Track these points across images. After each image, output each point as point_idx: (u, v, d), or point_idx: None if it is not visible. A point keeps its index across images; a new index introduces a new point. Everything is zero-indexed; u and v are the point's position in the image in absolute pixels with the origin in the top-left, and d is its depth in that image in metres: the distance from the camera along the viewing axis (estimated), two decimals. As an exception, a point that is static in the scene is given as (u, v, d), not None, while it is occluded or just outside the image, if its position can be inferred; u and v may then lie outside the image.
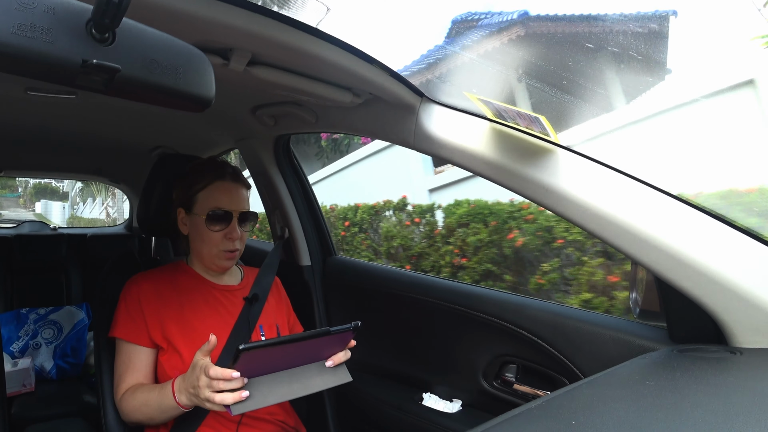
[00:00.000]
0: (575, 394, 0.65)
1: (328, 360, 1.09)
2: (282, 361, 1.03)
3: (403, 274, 1.73)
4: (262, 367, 1.01)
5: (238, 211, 1.25)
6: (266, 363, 1.01)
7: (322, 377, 1.08)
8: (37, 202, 30.36)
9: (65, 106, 1.49)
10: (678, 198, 0.87)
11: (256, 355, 0.94)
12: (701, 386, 0.65)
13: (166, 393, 1.08)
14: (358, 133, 1.42)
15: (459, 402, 1.38)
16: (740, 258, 0.81)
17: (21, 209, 30.21)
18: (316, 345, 1.04)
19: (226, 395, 0.94)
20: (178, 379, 1.07)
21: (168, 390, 1.08)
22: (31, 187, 30.50)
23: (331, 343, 1.06)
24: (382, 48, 1.01)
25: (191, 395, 1.01)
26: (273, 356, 0.99)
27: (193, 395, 1.01)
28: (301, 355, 1.06)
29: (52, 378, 2.33)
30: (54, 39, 0.48)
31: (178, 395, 1.05)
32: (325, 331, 1.00)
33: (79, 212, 26.10)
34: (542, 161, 0.96)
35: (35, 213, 28.70)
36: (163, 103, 0.60)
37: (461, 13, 6.95)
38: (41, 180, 22.21)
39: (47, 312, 2.47)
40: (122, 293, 1.24)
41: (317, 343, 1.03)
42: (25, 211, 29.18)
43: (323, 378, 1.07)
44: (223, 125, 1.73)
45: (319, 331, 1.00)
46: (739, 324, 0.80)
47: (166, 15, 0.75)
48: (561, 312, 1.19)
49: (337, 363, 1.09)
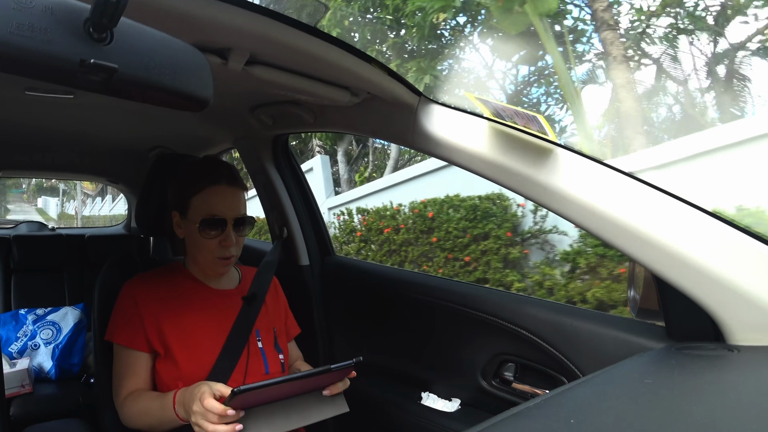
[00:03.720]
0: (574, 392, 0.65)
1: (326, 389, 1.09)
2: (279, 395, 1.03)
3: (401, 273, 1.73)
4: (258, 401, 1.01)
5: (233, 217, 1.20)
6: (263, 398, 1.01)
7: (320, 408, 1.08)
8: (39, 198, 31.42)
9: (63, 105, 1.49)
10: (676, 197, 0.87)
11: (253, 395, 0.95)
12: (699, 384, 0.65)
13: (167, 404, 1.07)
14: (356, 133, 1.42)
15: (458, 401, 1.39)
16: (738, 256, 0.81)
17: (25, 204, 31.29)
18: (316, 380, 1.05)
19: (219, 427, 0.94)
20: (181, 392, 1.06)
21: (169, 402, 1.07)
22: (34, 184, 31.64)
23: (330, 377, 1.07)
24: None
25: (189, 413, 1.01)
26: (270, 392, 1.00)
27: (191, 413, 1.00)
28: (299, 388, 1.06)
29: (50, 378, 2.32)
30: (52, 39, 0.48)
31: (178, 407, 1.05)
32: (326, 369, 1.00)
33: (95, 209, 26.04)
34: (540, 160, 0.96)
35: (36, 207, 29.44)
36: (161, 102, 0.60)
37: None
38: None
39: (46, 313, 2.46)
40: (119, 297, 1.23)
41: (317, 379, 1.04)
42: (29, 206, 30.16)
43: (320, 409, 1.08)
44: (221, 125, 1.73)
45: (320, 370, 1.00)
46: (737, 322, 0.80)
47: (164, 14, 0.75)
48: (559, 310, 1.20)
49: (334, 393, 1.10)
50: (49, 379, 2.32)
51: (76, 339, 2.41)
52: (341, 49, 0.96)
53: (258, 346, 1.27)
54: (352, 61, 1.00)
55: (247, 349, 1.23)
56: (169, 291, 1.24)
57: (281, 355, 1.31)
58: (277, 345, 1.32)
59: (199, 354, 1.19)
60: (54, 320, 2.44)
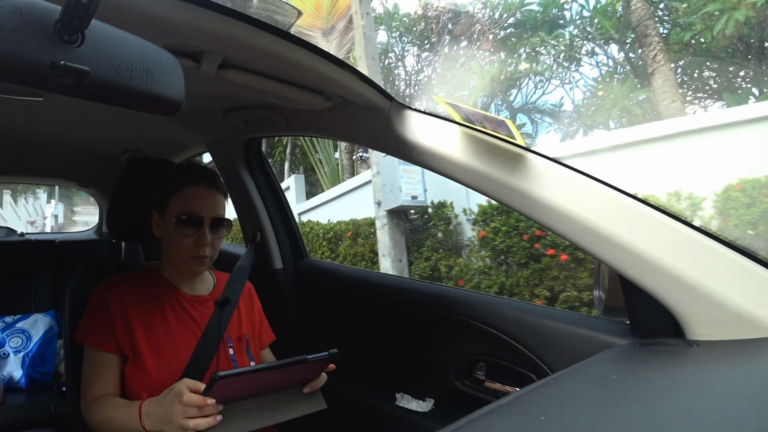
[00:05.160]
0: (544, 389, 0.67)
1: (306, 387, 1.10)
2: (257, 387, 1.03)
3: (374, 275, 1.74)
4: (237, 393, 1.01)
5: (209, 217, 1.21)
6: (241, 389, 1.01)
7: (297, 404, 1.09)
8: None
9: (32, 108, 1.46)
10: (638, 198, 0.90)
11: (232, 383, 0.95)
12: (662, 378, 0.67)
13: (132, 414, 1.05)
14: (328, 137, 1.42)
15: (432, 401, 1.40)
16: (696, 255, 0.84)
17: (91, 206, 31.61)
18: (293, 372, 1.05)
19: (200, 420, 0.94)
20: (147, 403, 1.05)
21: (134, 412, 1.05)
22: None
23: (308, 369, 1.07)
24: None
25: (162, 421, 0.99)
26: (248, 383, 1.00)
27: (164, 422, 0.99)
28: (277, 381, 1.06)
29: (21, 388, 2.26)
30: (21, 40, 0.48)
31: (145, 418, 1.03)
32: (302, 359, 1.01)
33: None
34: (508, 163, 0.98)
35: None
36: (133, 105, 0.60)
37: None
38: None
39: (15, 320, 2.39)
40: (91, 298, 1.21)
41: (294, 370, 1.04)
42: (94, 208, 29.98)
43: (298, 405, 1.09)
44: (194, 128, 1.71)
45: (296, 360, 1.00)
46: (696, 318, 0.83)
47: (137, 17, 0.75)
48: (529, 310, 1.22)
49: (313, 390, 1.11)
50: (20, 388, 2.25)
51: (46, 347, 2.35)
52: (314, 54, 0.97)
53: (229, 352, 1.26)
54: (325, 65, 1.01)
55: (217, 355, 1.22)
56: (142, 294, 1.23)
57: (253, 363, 1.31)
58: (249, 352, 1.31)
59: (169, 359, 1.17)
60: (24, 328, 2.37)
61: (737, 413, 0.52)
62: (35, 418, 2.02)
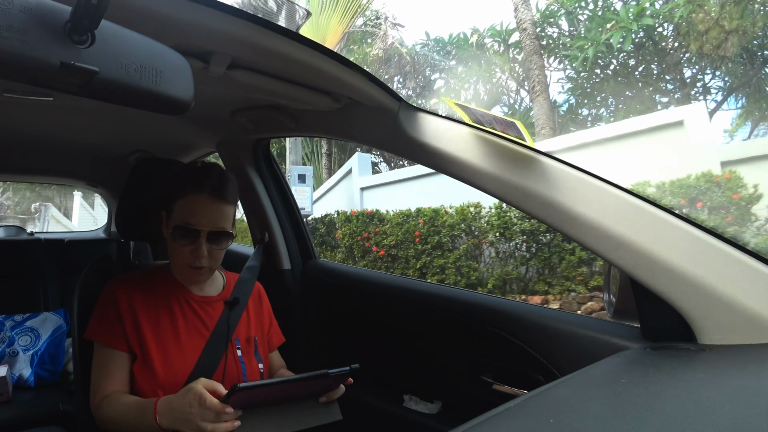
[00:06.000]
0: (552, 392, 0.66)
1: (323, 397, 1.11)
2: (276, 397, 1.05)
3: (382, 277, 1.74)
4: (255, 402, 1.02)
5: (208, 230, 1.16)
6: (260, 399, 1.02)
7: (314, 414, 1.10)
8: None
9: (42, 108, 1.47)
10: (649, 201, 0.89)
11: (251, 394, 0.96)
12: (672, 382, 0.66)
13: (147, 412, 1.05)
14: (336, 137, 1.42)
15: (439, 403, 1.39)
16: (708, 259, 0.83)
17: None
18: (312, 384, 1.06)
19: (218, 425, 0.95)
20: (163, 401, 1.04)
21: (150, 409, 1.05)
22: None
23: (327, 382, 1.08)
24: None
25: (178, 420, 0.99)
26: (267, 394, 1.01)
27: (181, 421, 0.99)
28: (295, 392, 1.08)
29: (30, 386, 2.27)
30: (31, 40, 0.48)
31: (160, 417, 1.03)
32: (323, 374, 1.01)
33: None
34: (518, 165, 0.97)
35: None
36: (142, 106, 0.60)
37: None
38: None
39: (24, 318, 2.41)
40: (102, 294, 1.21)
41: (314, 383, 1.05)
42: None
43: (314, 415, 1.10)
44: (202, 128, 1.72)
45: (318, 374, 1.01)
46: (708, 322, 0.82)
47: (146, 17, 0.75)
48: (537, 312, 1.21)
49: (330, 400, 1.11)
50: (29, 386, 2.27)
51: (55, 346, 2.37)
52: (323, 55, 0.97)
53: (237, 354, 1.25)
54: (334, 66, 1.00)
55: (225, 357, 1.21)
56: (152, 293, 1.22)
57: (260, 365, 1.30)
58: (257, 354, 1.31)
59: (177, 360, 1.17)
60: (33, 326, 2.39)
61: (749, 419, 0.51)
62: (43, 416, 2.04)
